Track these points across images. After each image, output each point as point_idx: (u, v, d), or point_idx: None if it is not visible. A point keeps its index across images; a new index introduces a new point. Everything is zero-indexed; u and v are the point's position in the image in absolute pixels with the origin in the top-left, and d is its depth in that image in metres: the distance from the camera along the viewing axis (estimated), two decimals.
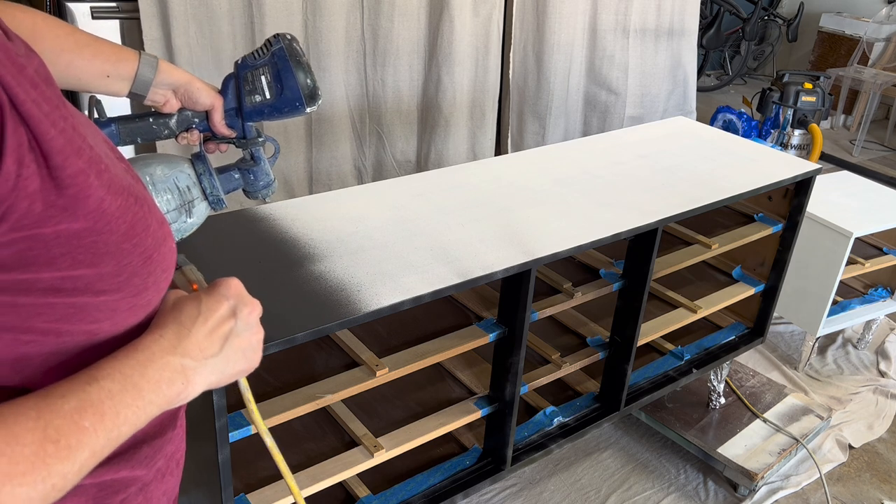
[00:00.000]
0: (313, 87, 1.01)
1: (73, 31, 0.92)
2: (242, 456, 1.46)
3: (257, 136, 1.06)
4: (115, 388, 0.61)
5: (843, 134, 5.62)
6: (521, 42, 3.98)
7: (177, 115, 1.03)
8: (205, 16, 3.02)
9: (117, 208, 0.61)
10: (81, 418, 0.58)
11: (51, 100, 0.57)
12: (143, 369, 0.63)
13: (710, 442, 2.30)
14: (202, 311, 0.70)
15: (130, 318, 0.66)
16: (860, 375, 2.85)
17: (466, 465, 1.71)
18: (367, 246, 1.47)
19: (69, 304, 0.59)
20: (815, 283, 2.65)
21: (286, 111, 1.01)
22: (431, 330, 1.63)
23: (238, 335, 0.72)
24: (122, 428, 0.61)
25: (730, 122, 4.47)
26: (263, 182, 1.08)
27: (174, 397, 0.66)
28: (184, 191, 0.98)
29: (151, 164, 0.96)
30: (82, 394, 0.59)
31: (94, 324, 0.62)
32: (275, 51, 0.99)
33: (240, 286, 0.75)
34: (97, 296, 0.61)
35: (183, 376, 0.67)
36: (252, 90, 1.01)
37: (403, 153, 3.79)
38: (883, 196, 2.88)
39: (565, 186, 1.82)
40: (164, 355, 0.66)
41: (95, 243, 0.59)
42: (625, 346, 1.86)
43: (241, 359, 0.73)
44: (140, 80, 0.97)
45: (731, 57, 6.51)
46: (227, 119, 1.04)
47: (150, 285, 0.66)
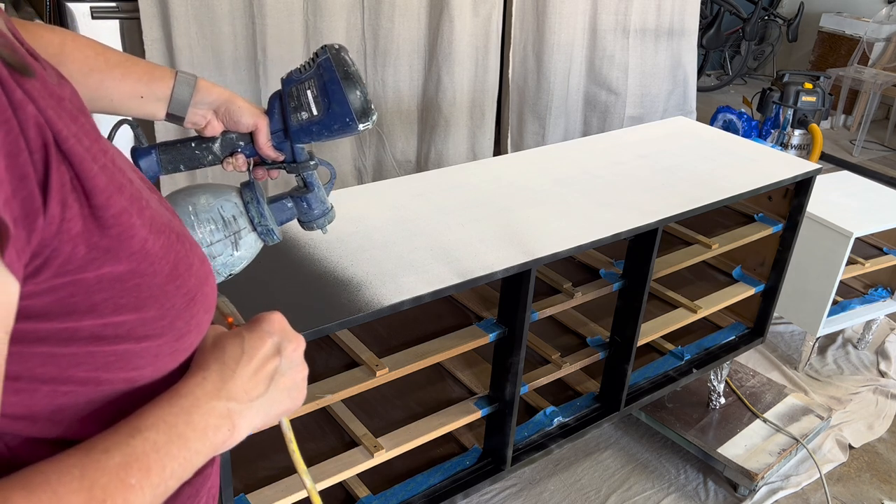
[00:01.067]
0: (365, 102, 0.89)
1: (103, 51, 0.87)
2: (242, 456, 1.46)
3: (309, 160, 0.96)
4: (160, 439, 0.57)
5: (843, 134, 5.62)
6: (520, 42, 3.98)
7: (220, 139, 0.95)
8: (205, 16, 3.02)
9: (160, 248, 0.58)
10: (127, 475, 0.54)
11: (90, 133, 0.54)
12: (188, 416, 0.60)
13: (710, 442, 2.30)
14: (246, 349, 0.66)
15: (171, 363, 0.62)
16: (860, 375, 2.85)
17: (466, 465, 1.71)
18: (367, 246, 1.47)
19: (110, 352, 0.56)
20: (815, 283, 2.65)
21: (336, 129, 0.91)
22: (431, 330, 1.63)
23: (283, 374, 0.68)
24: (169, 482, 0.58)
25: (730, 122, 4.47)
26: (319, 210, 0.99)
27: (220, 444, 0.62)
28: (229, 221, 0.89)
29: (196, 193, 0.89)
30: (127, 448, 0.55)
31: (135, 371, 0.59)
32: (320, 62, 0.90)
33: (283, 321, 0.71)
34: (139, 342, 0.57)
35: (229, 421, 0.63)
36: (297, 107, 0.91)
37: (403, 153, 3.79)
38: (883, 196, 2.88)
39: (565, 186, 1.82)
40: (209, 400, 0.62)
41: (139, 286, 0.56)
42: (625, 346, 1.86)
43: (286, 398, 0.69)
44: (177, 100, 0.89)
45: (731, 57, 6.51)
46: (275, 141, 0.94)
47: (192, 328, 0.62)
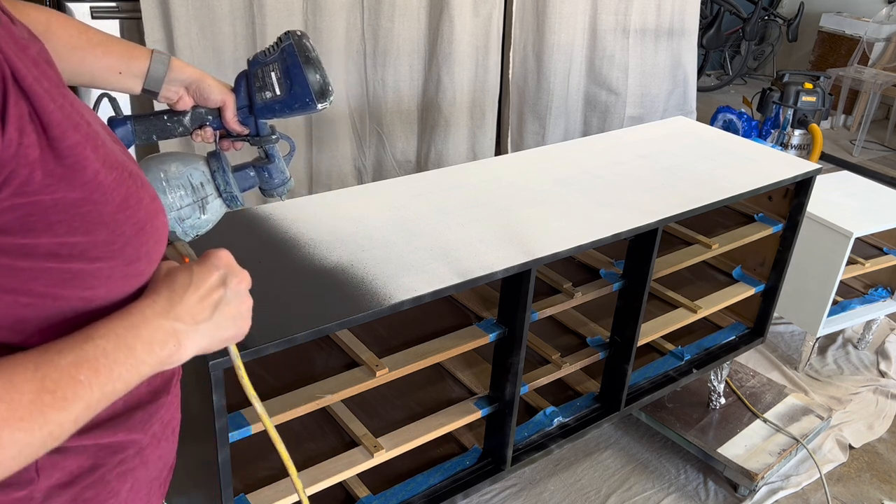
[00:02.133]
0: (323, 84, 1.00)
1: (85, 29, 0.94)
2: (242, 456, 1.46)
3: (271, 134, 1.06)
4: (109, 346, 0.65)
5: (843, 134, 5.62)
6: (521, 42, 3.98)
7: (190, 113, 1.04)
8: (206, 17, 3.02)
9: (112, 181, 0.65)
10: (77, 372, 0.62)
11: (51, 78, 0.61)
12: (137, 330, 0.67)
13: (710, 442, 2.30)
14: (194, 280, 0.73)
15: (124, 287, 0.69)
16: (860, 375, 2.85)
17: (466, 465, 1.71)
18: (367, 246, 1.47)
19: (65, 269, 0.63)
20: (815, 283, 2.65)
21: (297, 108, 1.01)
22: (431, 330, 1.63)
23: (228, 303, 0.76)
24: (116, 384, 0.65)
25: (730, 122, 4.47)
26: (279, 180, 1.09)
27: (166, 358, 0.70)
28: (197, 187, 0.99)
29: (167, 160, 0.98)
30: (79, 350, 0.63)
31: (89, 290, 0.66)
32: (284, 47, 0.99)
33: (230, 257, 0.78)
34: (92, 262, 0.65)
35: (174, 339, 0.70)
36: (262, 87, 1.01)
37: (403, 153, 3.79)
38: (883, 196, 2.88)
39: (565, 186, 1.82)
40: (156, 318, 0.69)
41: (91, 212, 0.63)
42: (625, 346, 1.86)
43: (230, 325, 0.77)
44: (152, 77, 0.98)
45: (732, 57, 6.51)
46: (240, 116, 1.04)
47: (142, 255, 0.70)
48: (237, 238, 1.48)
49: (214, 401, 1.17)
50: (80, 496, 0.72)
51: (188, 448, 1.39)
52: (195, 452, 1.34)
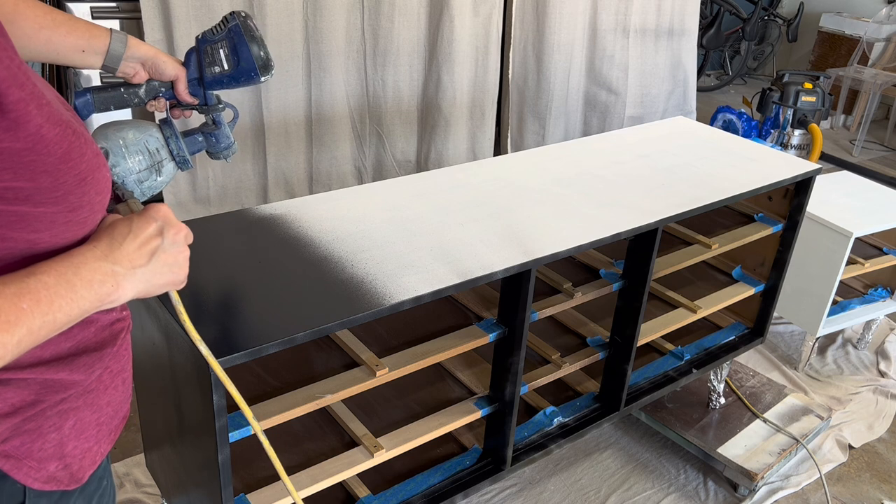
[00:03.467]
0: (266, 59, 1.12)
1: (50, 11, 1.02)
2: (242, 456, 1.46)
3: (217, 103, 1.18)
4: (50, 280, 0.72)
5: (843, 134, 5.62)
6: (521, 42, 3.98)
7: (145, 85, 1.14)
8: (207, 17, 3.02)
9: (55, 136, 0.71)
10: (20, 300, 0.69)
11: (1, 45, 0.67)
12: (77, 269, 0.74)
13: (710, 442, 2.30)
14: (133, 229, 0.81)
15: (67, 233, 0.76)
16: (860, 375, 2.85)
17: (466, 465, 1.71)
18: (366, 246, 1.47)
19: (11, 212, 0.70)
20: (815, 283, 2.65)
21: (243, 80, 1.13)
22: (431, 330, 1.63)
23: (164, 251, 0.83)
24: (57, 315, 0.72)
25: (730, 122, 4.47)
26: (224, 144, 1.20)
27: (105, 296, 0.77)
28: (153, 152, 1.08)
29: (124, 128, 1.07)
30: (21, 283, 0.70)
31: (35, 233, 0.73)
32: (231, 27, 1.11)
33: (168, 211, 0.86)
34: (36, 206, 0.71)
35: (113, 279, 0.78)
36: (212, 62, 1.13)
37: (403, 153, 3.79)
38: (883, 196, 2.88)
39: (565, 186, 1.82)
40: (96, 261, 0.77)
41: (34, 162, 0.69)
42: (625, 346, 1.86)
43: (167, 272, 0.85)
44: (112, 55, 1.08)
45: (731, 57, 6.51)
46: (191, 88, 1.15)
47: (84, 203, 0.76)
48: (237, 237, 1.48)
49: (214, 401, 1.17)
50: (22, 427, 0.79)
51: (188, 448, 1.40)
52: (195, 452, 1.34)
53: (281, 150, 3.42)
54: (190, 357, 1.20)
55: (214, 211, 3.26)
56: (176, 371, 1.30)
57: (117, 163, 1.04)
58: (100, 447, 0.90)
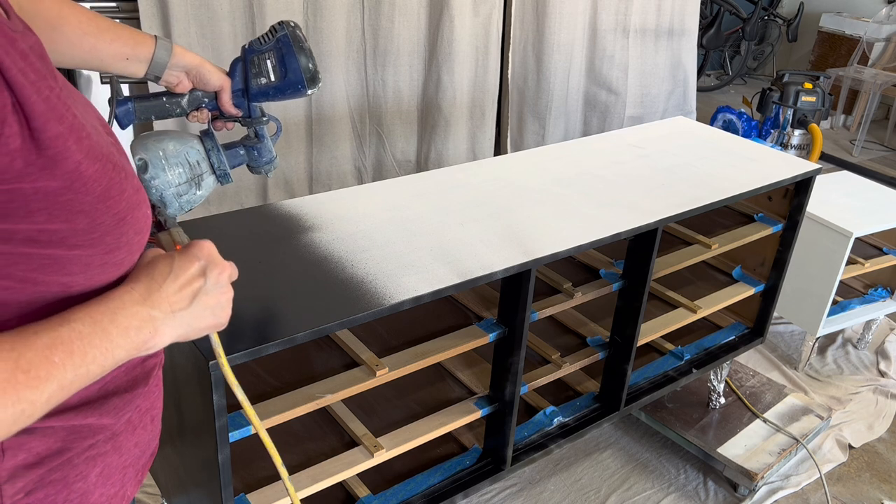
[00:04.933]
0: (314, 71, 1.08)
1: (95, 17, 0.99)
2: (242, 456, 1.46)
3: (261, 116, 1.13)
4: (85, 329, 0.66)
5: (843, 134, 5.62)
6: (521, 42, 3.98)
7: (188, 95, 1.10)
8: (205, 16, 3.02)
9: (94, 172, 0.66)
10: (52, 353, 0.63)
11: (39, 71, 0.62)
12: (113, 315, 0.69)
13: (710, 442, 2.30)
14: (174, 269, 0.75)
15: (103, 275, 0.71)
16: (860, 375, 2.85)
17: (466, 465, 1.71)
18: (366, 246, 1.47)
19: (44, 255, 0.65)
20: (815, 283, 2.65)
21: (289, 93, 1.09)
22: (431, 330, 1.63)
23: (207, 293, 0.78)
24: (91, 367, 0.66)
25: (730, 122, 4.47)
26: (266, 158, 1.16)
27: (141, 344, 0.71)
28: (194, 165, 1.04)
29: (164, 139, 1.03)
30: (54, 332, 0.64)
31: (68, 276, 0.68)
32: (279, 37, 1.06)
33: (212, 248, 0.80)
34: (71, 249, 0.66)
35: (151, 325, 0.72)
36: (258, 73, 1.08)
37: (403, 153, 3.79)
38: (883, 196, 2.88)
39: (565, 186, 1.82)
40: (133, 305, 0.71)
41: (71, 201, 0.64)
42: (625, 346, 1.86)
43: (209, 315, 0.79)
44: (156, 63, 1.04)
45: (731, 57, 6.51)
46: (234, 99, 1.11)
47: (122, 245, 0.71)
48: (237, 237, 1.48)
49: (214, 401, 1.17)
50: (47, 477, 0.73)
51: (188, 448, 1.40)
52: (195, 452, 1.34)
53: (281, 149, 3.42)
54: (190, 357, 1.20)
55: (214, 211, 3.26)
56: (176, 371, 1.30)
57: (156, 175, 1.01)
58: (125, 491, 0.84)
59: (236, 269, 0.82)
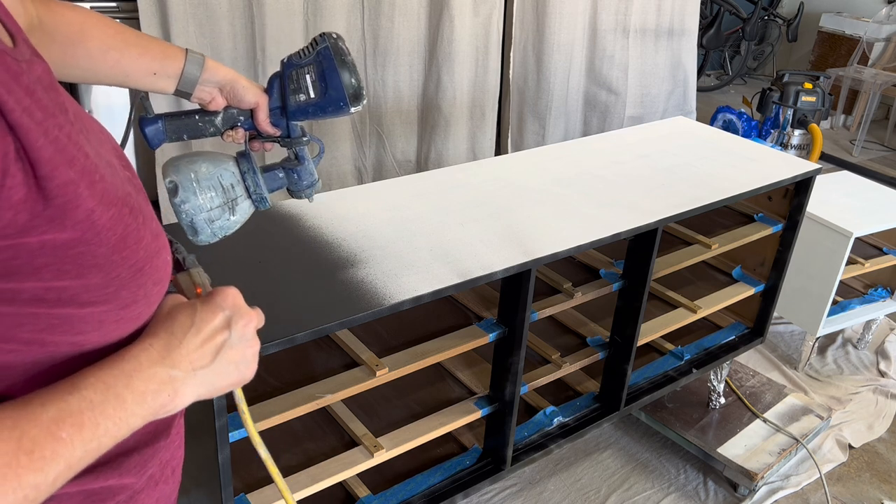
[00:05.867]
0: (358, 87, 0.99)
1: (121, 30, 0.92)
2: (242, 456, 1.46)
3: (302, 136, 1.05)
4: (96, 398, 0.59)
5: (843, 134, 5.62)
6: (521, 42, 3.98)
7: (222, 113, 1.02)
8: (204, 16, 3.02)
9: (109, 219, 0.59)
10: (59, 429, 0.56)
11: (46, 108, 0.56)
12: (128, 379, 0.62)
13: (710, 442, 2.30)
14: (196, 321, 0.68)
15: (118, 331, 0.64)
16: (860, 375, 2.85)
17: (466, 465, 1.71)
18: (366, 246, 1.47)
19: (53, 315, 0.58)
20: (815, 283, 2.65)
21: (330, 111, 1.00)
22: (431, 330, 1.63)
23: (231, 347, 0.70)
24: (102, 440, 0.60)
25: (730, 122, 4.47)
26: (307, 181, 1.08)
27: (159, 409, 0.65)
28: (227, 189, 0.97)
29: (197, 161, 0.96)
30: (62, 403, 0.57)
31: (80, 335, 0.61)
32: (320, 49, 0.98)
33: (238, 297, 0.73)
34: (83, 307, 0.60)
35: (170, 387, 0.65)
36: (297, 89, 1.00)
37: (403, 153, 3.79)
38: (883, 196, 2.88)
39: (565, 186, 1.82)
40: (151, 366, 0.64)
41: (83, 254, 0.58)
42: (625, 346, 1.86)
43: (233, 371, 0.71)
44: (186, 78, 0.96)
45: (731, 57, 6.51)
46: (272, 118, 1.03)
47: (139, 298, 0.64)
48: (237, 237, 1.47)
49: (214, 401, 1.17)
50: None
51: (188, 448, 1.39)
52: (195, 452, 1.34)
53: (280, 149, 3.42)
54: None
55: None
56: None
57: (186, 199, 0.94)
58: None
59: (263, 316, 0.75)
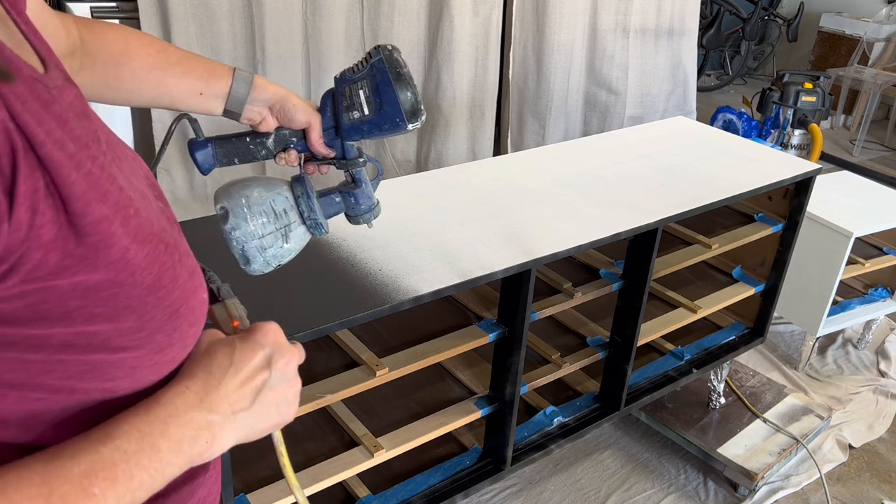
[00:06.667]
0: (415, 102, 0.91)
1: (164, 49, 0.89)
2: (242, 456, 1.46)
3: (358, 157, 0.99)
4: (131, 448, 0.56)
5: (843, 134, 5.62)
6: (521, 42, 3.98)
7: (274, 134, 0.97)
8: (205, 16, 3.02)
9: (143, 258, 0.56)
10: (91, 484, 0.53)
11: (79, 138, 0.54)
12: (164, 427, 0.58)
13: (710, 442, 2.30)
14: (235, 360, 0.64)
15: (152, 376, 0.61)
16: (860, 375, 2.85)
17: (466, 465, 1.71)
18: (366, 246, 1.47)
19: (83, 361, 0.55)
20: (815, 283, 2.65)
21: (386, 128, 0.93)
22: (431, 330, 1.63)
23: (272, 388, 0.66)
24: (137, 493, 0.56)
25: (730, 122, 4.47)
26: (366, 206, 1.01)
27: (196, 456, 0.61)
28: (280, 214, 0.93)
29: (249, 185, 0.92)
30: (94, 454, 0.54)
31: (112, 381, 0.58)
32: (374, 63, 0.92)
33: (279, 333, 0.69)
34: (115, 353, 0.56)
35: (208, 433, 0.61)
36: (350, 106, 0.93)
37: (403, 153, 3.79)
38: (883, 196, 2.88)
39: (565, 186, 1.82)
40: (188, 410, 0.60)
41: (116, 296, 0.54)
42: (625, 346, 1.86)
43: (274, 413, 0.67)
44: (234, 98, 0.91)
45: (731, 57, 6.51)
46: (326, 138, 0.97)
47: (175, 341, 0.61)
48: None
49: None
50: None
51: None
52: None
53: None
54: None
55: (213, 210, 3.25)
56: None
57: (238, 225, 0.90)
58: None
59: (304, 351, 0.71)
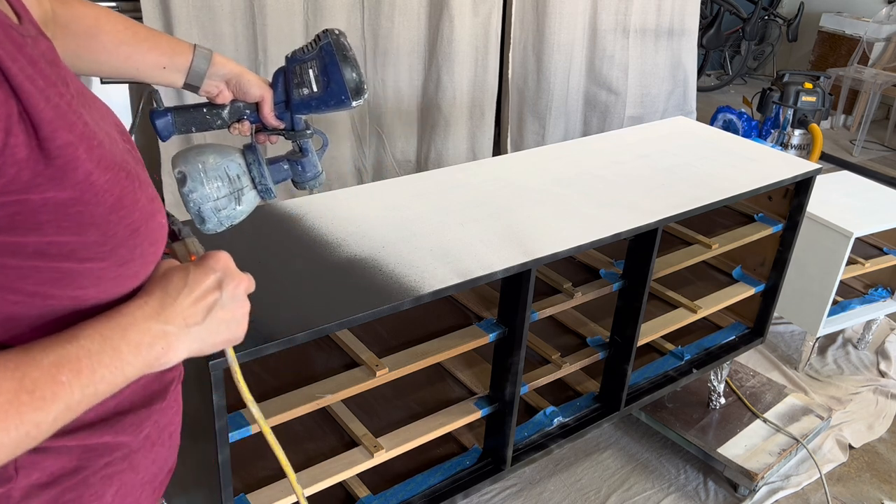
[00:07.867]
0: (359, 82, 1.03)
1: (132, 25, 0.97)
2: (242, 456, 1.46)
3: (306, 129, 1.10)
4: (94, 347, 0.64)
5: (843, 134, 5.61)
6: (520, 42, 3.98)
7: (229, 106, 1.07)
8: (206, 17, 3.02)
9: (105, 181, 0.64)
10: (59, 373, 0.61)
11: (48, 77, 0.61)
12: (124, 332, 0.67)
13: (710, 442, 2.30)
14: (189, 282, 0.73)
15: (116, 288, 0.69)
16: (860, 375, 2.85)
17: (466, 465, 1.71)
18: (366, 246, 1.47)
19: (54, 268, 0.63)
20: (815, 283, 2.65)
21: (333, 104, 1.04)
22: (431, 330, 1.63)
23: (223, 307, 0.75)
24: (99, 386, 0.64)
25: (730, 122, 4.47)
26: (311, 173, 1.12)
27: (153, 361, 0.69)
28: (234, 179, 1.02)
29: (205, 152, 1.01)
30: (61, 350, 0.62)
31: (80, 290, 0.65)
32: (322, 45, 1.02)
33: (228, 260, 0.78)
34: (82, 262, 0.64)
35: (164, 341, 0.69)
36: (300, 83, 1.04)
37: (403, 153, 3.79)
38: (883, 196, 2.88)
39: (565, 186, 1.82)
40: (146, 321, 0.68)
41: (81, 213, 0.62)
42: (625, 346, 1.86)
43: (224, 330, 0.76)
44: (194, 72, 1.01)
45: (731, 57, 6.51)
46: (277, 111, 1.07)
47: (136, 257, 0.69)
48: (237, 236, 1.48)
49: (214, 401, 1.17)
50: (61, 497, 0.71)
51: (188, 448, 1.39)
52: (195, 452, 1.34)
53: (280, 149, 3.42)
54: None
55: None
56: None
57: (194, 188, 0.99)
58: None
59: (253, 281, 0.79)
